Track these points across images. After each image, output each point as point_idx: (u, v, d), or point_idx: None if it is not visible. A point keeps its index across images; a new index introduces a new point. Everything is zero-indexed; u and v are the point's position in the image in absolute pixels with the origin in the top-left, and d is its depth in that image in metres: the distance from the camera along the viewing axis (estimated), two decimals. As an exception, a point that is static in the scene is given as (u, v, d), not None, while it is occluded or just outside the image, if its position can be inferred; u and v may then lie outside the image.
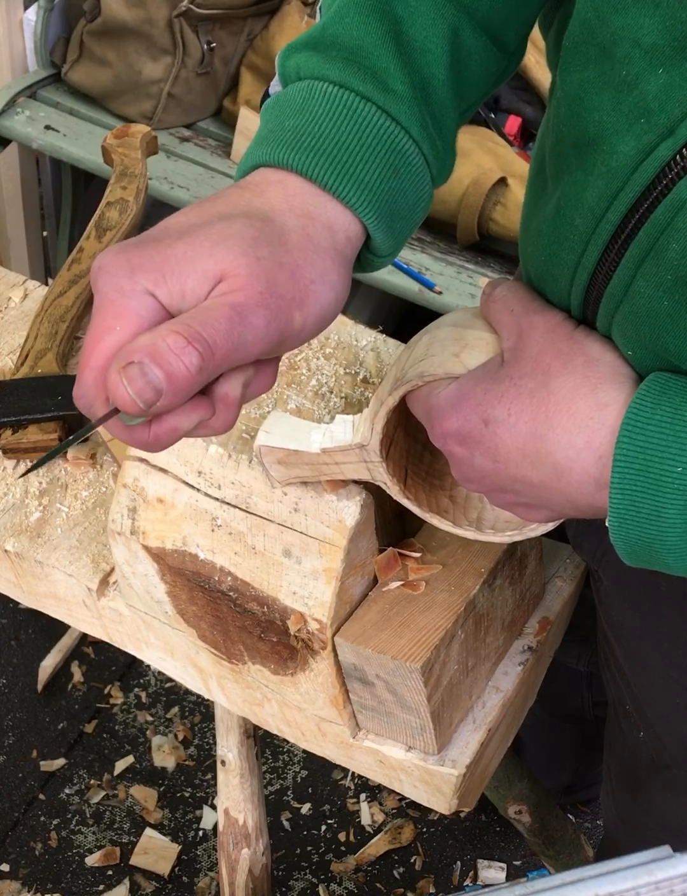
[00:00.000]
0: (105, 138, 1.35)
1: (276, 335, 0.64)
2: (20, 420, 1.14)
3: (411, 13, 0.73)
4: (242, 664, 1.02)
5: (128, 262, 0.64)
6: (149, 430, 0.65)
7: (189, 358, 0.61)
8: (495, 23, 0.77)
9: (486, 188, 1.83)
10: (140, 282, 0.63)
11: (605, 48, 0.67)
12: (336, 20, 0.74)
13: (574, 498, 0.71)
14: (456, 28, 0.74)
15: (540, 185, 0.78)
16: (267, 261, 0.64)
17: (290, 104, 0.73)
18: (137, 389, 0.61)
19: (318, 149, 0.70)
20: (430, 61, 0.74)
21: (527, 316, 0.74)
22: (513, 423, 0.71)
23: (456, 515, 0.87)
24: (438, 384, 0.76)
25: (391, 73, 0.72)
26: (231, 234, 0.64)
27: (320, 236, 0.68)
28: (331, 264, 0.68)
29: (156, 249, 0.64)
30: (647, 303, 0.68)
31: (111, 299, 0.63)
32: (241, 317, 0.62)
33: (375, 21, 0.72)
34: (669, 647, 0.98)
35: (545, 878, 0.66)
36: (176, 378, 0.61)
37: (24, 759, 1.95)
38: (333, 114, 0.71)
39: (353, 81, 0.71)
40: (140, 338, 0.62)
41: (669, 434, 0.65)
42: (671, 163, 0.65)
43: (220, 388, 0.65)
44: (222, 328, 0.61)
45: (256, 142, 0.72)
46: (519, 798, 1.42)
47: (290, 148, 0.70)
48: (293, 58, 0.75)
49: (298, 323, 0.66)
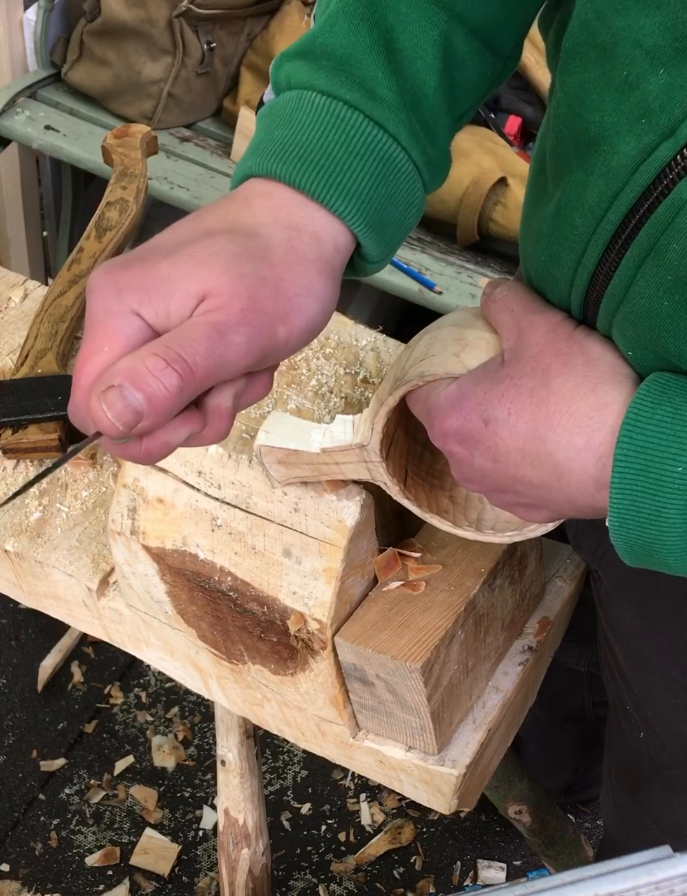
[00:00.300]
0: (105, 138, 1.35)
1: (258, 351, 0.65)
2: (20, 420, 1.14)
3: (402, 21, 0.73)
4: (242, 664, 1.02)
5: (115, 282, 0.65)
6: (140, 445, 0.66)
7: (168, 379, 0.62)
8: (489, 28, 0.77)
9: (486, 188, 1.83)
10: (126, 302, 0.64)
11: (605, 49, 0.67)
12: (326, 29, 0.74)
13: (574, 498, 0.71)
14: (448, 34, 0.74)
15: (540, 185, 0.78)
16: (249, 277, 0.65)
17: (280, 114, 0.73)
18: (116, 413, 0.62)
19: (305, 158, 0.70)
20: (420, 68, 0.74)
21: (527, 316, 0.74)
22: (513, 423, 0.71)
23: (456, 516, 0.87)
24: (438, 384, 0.76)
25: (380, 80, 0.72)
26: (214, 252, 0.65)
27: (306, 248, 0.68)
28: (316, 276, 0.68)
29: (142, 269, 0.65)
30: (647, 303, 0.68)
31: (99, 320, 0.65)
32: (221, 335, 0.63)
33: (364, 29, 0.73)
34: (670, 647, 0.98)
35: (545, 878, 0.66)
36: (156, 399, 0.62)
37: (24, 759, 1.95)
38: (321, 123, 0.71)
39: (340, 90, 0.71)
40: (120, 361, 0.63)
41: (669, 434, 0.65)
42: (672, 163, 0.65)
43: (211, 401, 0.66)
44: (202, 348, 0.62)
45: (247, 152, 0.72)
46: (519, 798, 1.42)
47: (277, 158, 0.70)
48: (284, 67, 0.75)
49: (283, 337, 0.66)
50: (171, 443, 0.66)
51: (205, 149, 2.10)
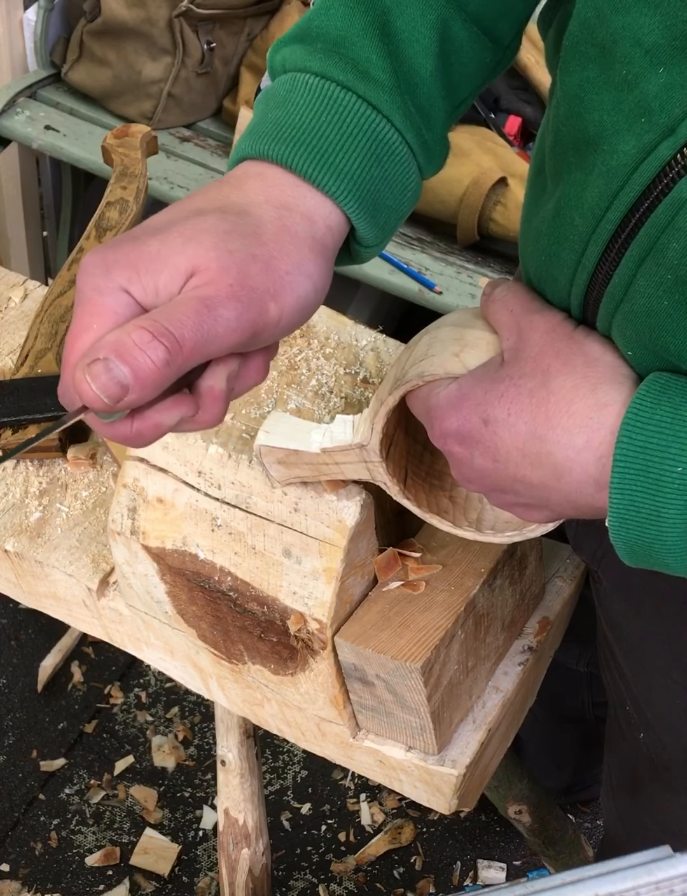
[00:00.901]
0: (105, 138, 1.35)
1: (249, 326, 0.64)
2: (20, 420, 1.14)
3: (398, 4, 0.73)
4: (242, 664, 1.02)
5: (103, 260, 0.65)
6: (131, 425, 0.65)
7: (155, 352, 0.61)
8: (488, 16, 0.77)
9: (486, 188, 1.83)
10: (115, 279, 0.64)
11: (605, 48, 0.67)
12: (322, 12, 0.74)
13: (574, 498, 0.71)
14: (445, 19, 0.74)
15: (540, 185, 0.78)
16: (239, 253, 0.64)
17: (275, 97, 0.73)
18: (101, 385, 0.61)
19: (297, 139, 0.70)
20: (417, 52, 0.74)
21: (526, 316, 0.74)
22: (512, 423, 0.71)
23: (456, 516, 0.88)
24: (438, 384, 0.76)
25: (374, 62, 0.72)
26: (203, 230, 0.65)
27: (298, 227, 0.68)
28: (308, 254, 0.68)
29: (132, 247, 0.65)
30: (647, 302, 0.68)
31: (88, 297, 0.65)
32: (209, 309, 0.62)
33: (359, 12, 0.73)
34: (670, 647, 0.98)
35: (545, 878, 0.66)
36: (142, 372, 0.61)
37: (24, 759, 1.95)
38: (314, 104, 0.71)
39: (334, 71, 0.72)
40: (107, 335, 0.62)
41: (669, 434, 0.65)
42: (672, 162, 0.65)
43: (204, 383, 0.66)
44: (190, 321, 0.62)
45: (243, 136, 0.73)
46: (519, 798, 1.42)
47: (270, 139, 0.70)
48: (280, 52, 0.75)
49: (274, 314, 0.65)
50: (163, 425, 0.65)
51: (205, 149, 2.10)
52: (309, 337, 0.99)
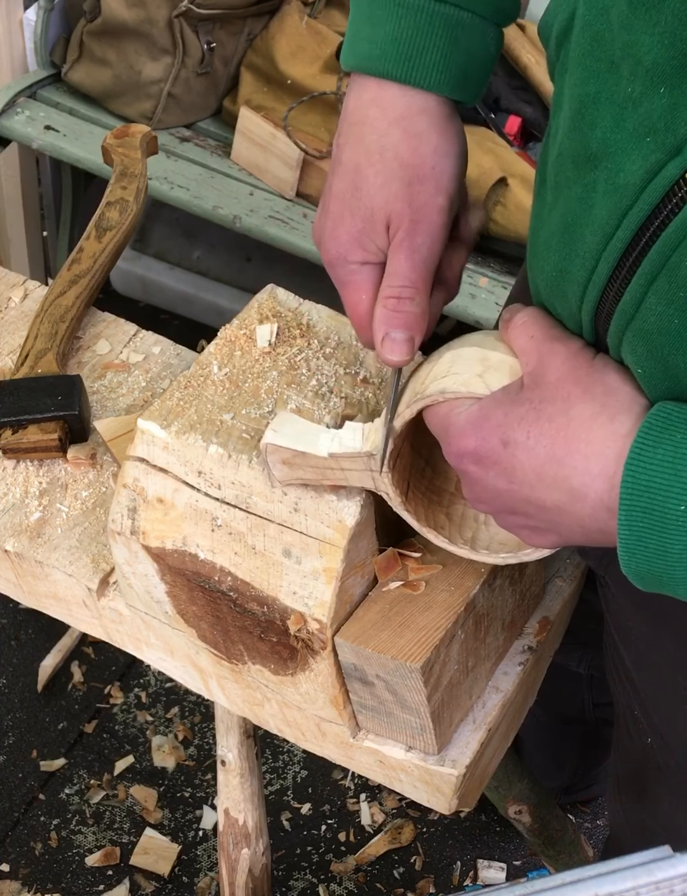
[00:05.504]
0: (105, 138, 1.35)
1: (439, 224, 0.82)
2: (20, 420, 1.14)
3: None
4: (242, 664, 1.02)
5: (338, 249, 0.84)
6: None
7: (407, 305, 0.81)
8: None
9: (486, 188, 1.83)
10: (353, 260, 0.83)
11: (614, 63, 0.67)
12: None
13: (586, 523, 0.72)
14: None
15: (543, 196, 0.78)
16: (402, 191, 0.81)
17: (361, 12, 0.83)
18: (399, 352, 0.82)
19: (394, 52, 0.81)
20: None
21: (547, 342, 0.75)
22: (532, 446, 0.71)
23: (451, 533, 0.90)
24: (459, 403, 0.77)
25: None
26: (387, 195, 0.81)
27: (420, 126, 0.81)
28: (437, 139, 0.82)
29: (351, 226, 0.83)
30: (658, 320, 0.68)
31: (346, 281, 0.84)
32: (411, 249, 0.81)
33: None
34: (677, 652, 0.98)
35: (545, 878, 0.66)
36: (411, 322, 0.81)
37: (24, 759, 1.95)
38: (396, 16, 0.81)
39: None
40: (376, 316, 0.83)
41: (670, 474, 0.66)
42: (680, 181, 0.65)
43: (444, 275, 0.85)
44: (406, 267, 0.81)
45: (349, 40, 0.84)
46: (519, 798, 1.42)
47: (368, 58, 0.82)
48: None
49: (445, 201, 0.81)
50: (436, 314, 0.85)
51: (205, 149, 2.10)
52: (309, 337, 1.00)
